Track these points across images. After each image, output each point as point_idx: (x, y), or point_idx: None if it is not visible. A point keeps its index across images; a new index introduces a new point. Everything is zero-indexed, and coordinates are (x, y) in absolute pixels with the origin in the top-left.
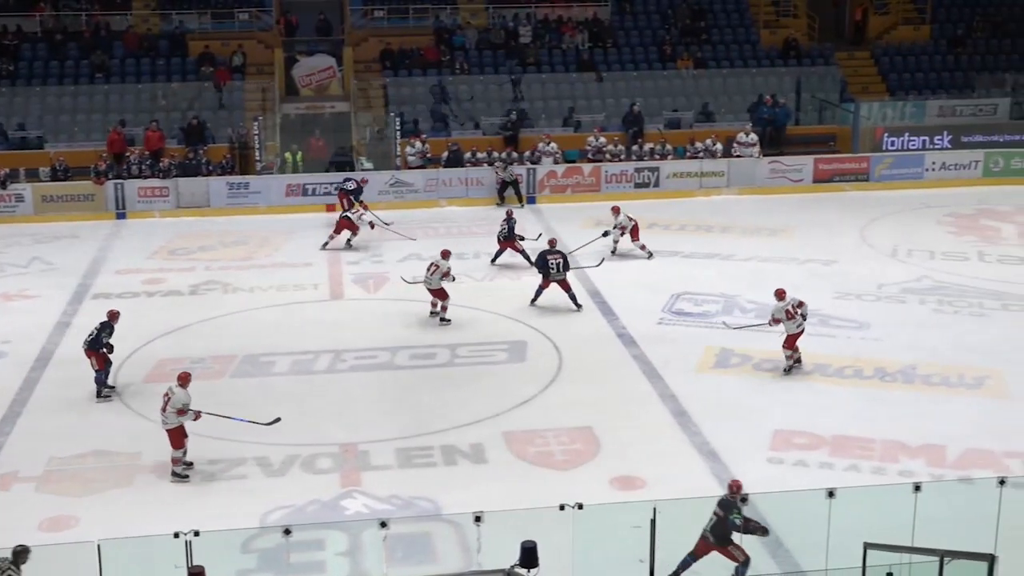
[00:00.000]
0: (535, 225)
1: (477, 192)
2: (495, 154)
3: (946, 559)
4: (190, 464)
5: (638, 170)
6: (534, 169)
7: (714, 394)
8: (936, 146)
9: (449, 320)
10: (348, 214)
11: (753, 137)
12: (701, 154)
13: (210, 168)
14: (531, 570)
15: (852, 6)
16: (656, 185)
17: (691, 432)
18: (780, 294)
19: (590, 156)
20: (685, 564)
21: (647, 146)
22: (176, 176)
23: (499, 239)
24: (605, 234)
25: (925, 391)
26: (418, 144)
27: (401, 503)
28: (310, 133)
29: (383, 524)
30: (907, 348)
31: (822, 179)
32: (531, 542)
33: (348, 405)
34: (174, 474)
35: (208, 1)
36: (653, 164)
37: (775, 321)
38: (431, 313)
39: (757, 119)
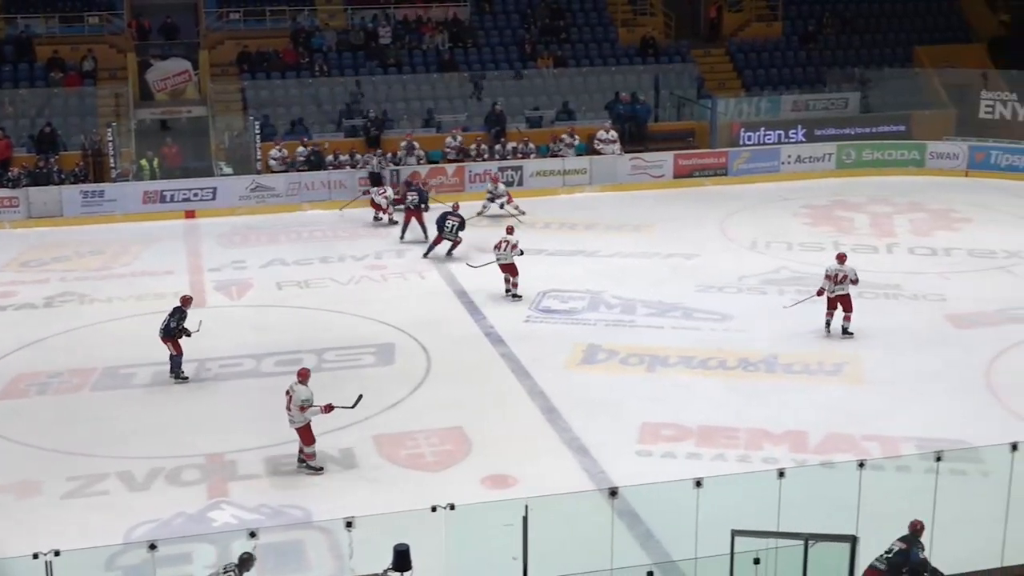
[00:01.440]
0: (400, 228)
1: (340, 195)
2: (364, 155)
3: (810, 542)
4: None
5: (502, 169)
6: (397, 170)
7: (582, 390)
8: (791, 140)
9: (521, 296)
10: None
11: (613, 134)
12: (561, 150)
13: (62, 176)
14: (404, 573)
15: (707, 4)
16: (520, 184)
17: (561, 429)
18: (840, 258)
19: (449, 157)
20: None
21: (510, 145)
22: (26, 185)
23: (409, 208)
24: (482, 210)
25: (787, 379)
26: (284, 150)
27: (271, 512)
28: (166, 139)
29: (252, 534)
30: (769, 338)
31: (682, 175)
32: (404, 545)
33: (213, 415)
34: (308, 467)
35: (55, 5)
36: (516, 163)
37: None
38: (506, 291)
39: (615, 116)
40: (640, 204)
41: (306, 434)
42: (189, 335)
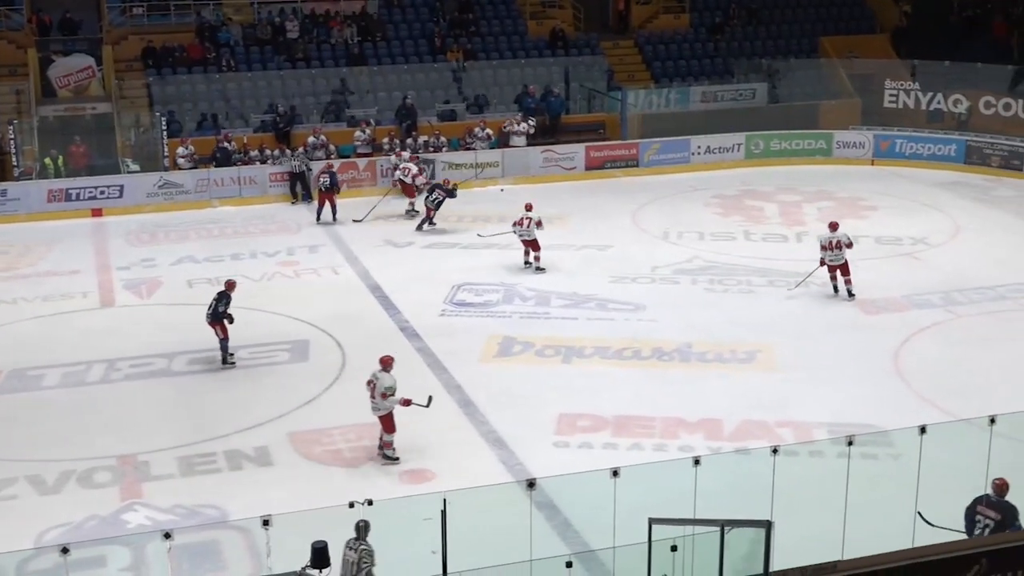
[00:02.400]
0: (313, 224)
1: (250, 191)
2: (282, 152)
3: (726, 528)
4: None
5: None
6: (309, 168)
7: (499, 382)
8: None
9: (544, 269)
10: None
11: (524, 126)
12: (474, 144)
13: None
14: (323, 570)
15: None
16: (432, 177)
17: (478, 422)
18: (832, 226)
19: (360, 151)
20: None
21: (421, 139)
22: None
23: (321, 189)
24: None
25: (701, 368)
26: (191, 147)
27: (185, 512)
28: (71, 136)
29: (167, 535)
30: (682, 327)
31: (594, 166)
32: (322, 542)
33: (125, 415)
34: (385, 457)
35: None
36: (428, 156)
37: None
38: (525, 263)
39: (525, 109)
40: (553, 196)
41: (388, 422)
42: (232, 321)
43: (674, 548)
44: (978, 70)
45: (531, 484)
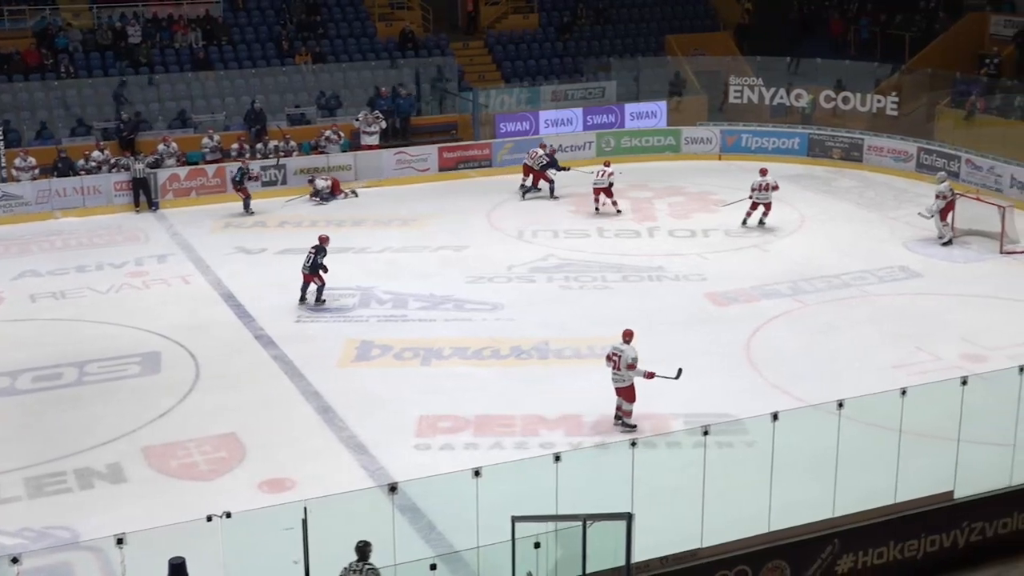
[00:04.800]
0: (161, 233)
1: (94, 200)
2: (124, 159)
3: (588, 522)
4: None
5: (264, 168)
6: (154, 173)
7: (357, 387)
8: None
9: (621, 211)
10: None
11: (376, 127)
12: (326, 147)
13: None
14: None
15: None
16: (284, 182)
17: (337, 428)
18: (762, 172)
19: (208, 158)
20: None
21: (271, 143)
22: None
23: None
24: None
25: (559, 365)
26: (31, 159)
27: (34, 535)
28: None
29: (15, 560)
30: (540, 325)
31: (447, 167)
32: (179, 558)
33: None
34: (625, 425)
35: None
36: (279, 160)
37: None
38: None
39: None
40: (408, 198)
41: (630, 393)
42: (327, 270)
43: (537, 545)
44: (817, 65)
45: (393, 488)
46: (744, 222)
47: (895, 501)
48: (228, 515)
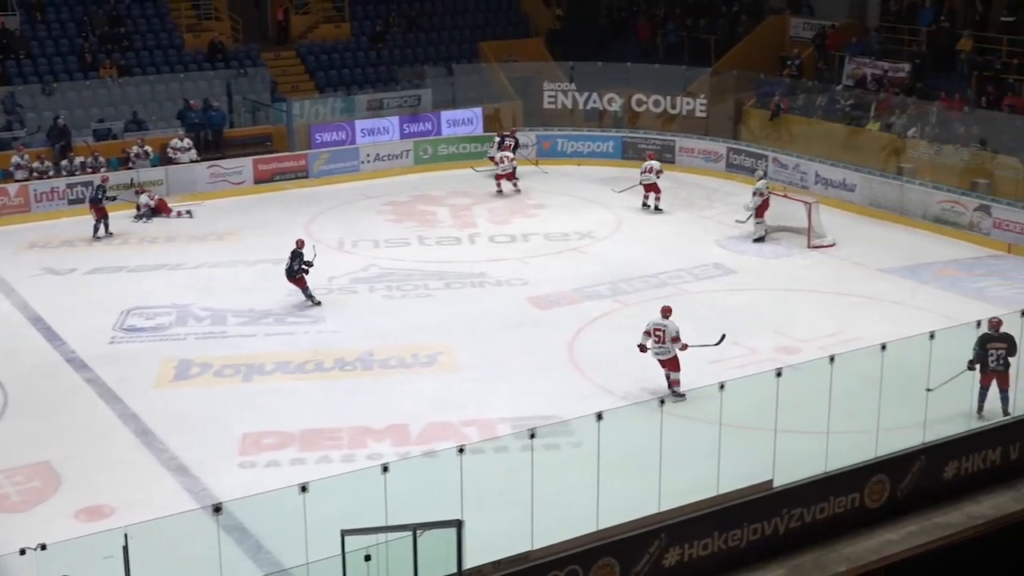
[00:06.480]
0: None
1: None
2: None
3: (419, 532)
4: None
5: (70, 186)
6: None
7: (177, 408)
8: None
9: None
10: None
11: (187, 142)
12: (134, 162)
13: None
14: None
15: (273, 6)
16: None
17: (157, 450)
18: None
19: (17, 177)
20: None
21: (78, 159)
22: None
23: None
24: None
25: (384, 375)
26: None
27: None
28: None
29: None
30: (363, 336)
31: (263, 179)
32: None
33: None
34: (675, 394)
35: None
36: (86, 178)
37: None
38: (643, 205)
39: (188, 124)
40: (223, 212)
41: (675, 363)
42: (307, 270)
43: (367, 558)
44: (628, 69)
45: (217, 509)
46: (644, 204)
47: (718, 493)
48: (43, 547)
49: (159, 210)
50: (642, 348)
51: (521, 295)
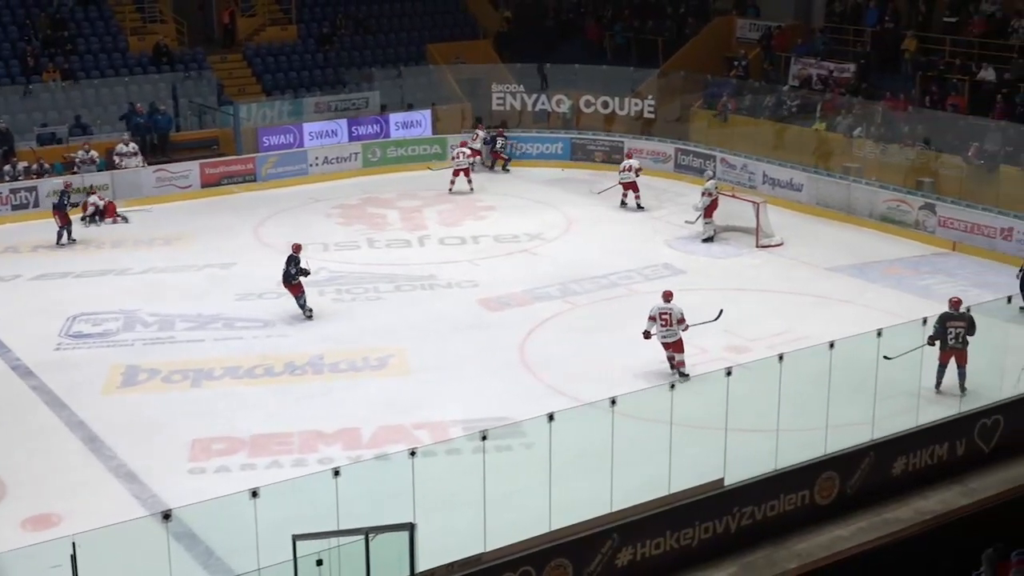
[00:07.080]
0: None
1: None
2: None
3: (371, 535)
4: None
5: (13, 191)
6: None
7: (125, 414)
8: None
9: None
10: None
11: (133, 147)
12: (79, 167)
13: None
14: None
15: (219, 9)
16: (36, 205)
17: (105, 457)
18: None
19: None
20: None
21: (21, 165)
22: None
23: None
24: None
25: (335, 378)
26: None
27: None
28: None
29: None
30: (313, 340)
31: (210, 183)
32: None
33: None
34: (682, 375)
35: None
36: (30, 183)
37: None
38: (622, 203)
39: (133, 128)
40: (170, 216)
41: (679, 345)
42: (307, 274)
43: (319, 562)
44: (576, 71)
45: (167, 516)
46: (623, 203)
47: (669, 492)
48: None
49: (105, 213)
50: (646, 335)
51: (472, 297)
